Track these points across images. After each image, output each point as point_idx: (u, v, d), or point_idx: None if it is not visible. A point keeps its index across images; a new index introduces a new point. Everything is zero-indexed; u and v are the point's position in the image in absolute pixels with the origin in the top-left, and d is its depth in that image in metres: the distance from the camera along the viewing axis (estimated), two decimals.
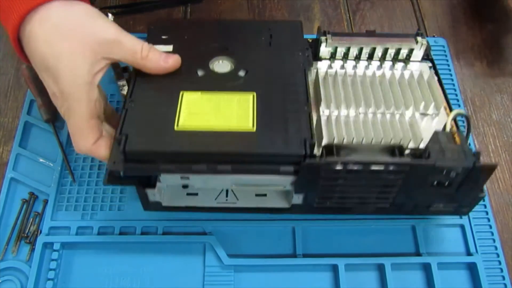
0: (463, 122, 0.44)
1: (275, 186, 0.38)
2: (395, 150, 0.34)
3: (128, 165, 0.33)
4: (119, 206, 0.44)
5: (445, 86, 0.51)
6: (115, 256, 0.42)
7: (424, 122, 0.38)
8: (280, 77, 0.38)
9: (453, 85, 0.52)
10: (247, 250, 0.43)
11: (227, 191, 0.41)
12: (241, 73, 0.39)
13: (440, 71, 0.44)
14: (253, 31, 0.42)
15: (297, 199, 0.38)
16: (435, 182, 0.35)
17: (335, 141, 0.35)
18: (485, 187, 0.46)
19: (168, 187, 0.40)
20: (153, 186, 0.37)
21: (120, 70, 0.47)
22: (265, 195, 0.41)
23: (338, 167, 0.33)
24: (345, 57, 0.42)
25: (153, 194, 0.38)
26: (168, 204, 0.40)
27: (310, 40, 0.43)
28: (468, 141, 0.36)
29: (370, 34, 0.43)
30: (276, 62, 0.39)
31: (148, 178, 0.37)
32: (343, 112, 0.38)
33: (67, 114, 0.35)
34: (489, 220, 0.45)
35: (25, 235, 0.43)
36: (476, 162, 0.33)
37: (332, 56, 0.42)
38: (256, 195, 0.41)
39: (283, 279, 0.41)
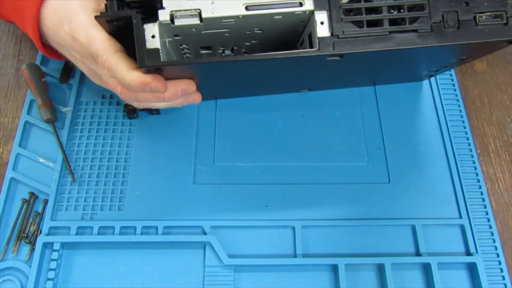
0: None
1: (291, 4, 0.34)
2: None
3: None
4: (119, 206, 0.44)
5: (445, 86, 0.52)
6: (115, 256, 0.42)
7: None
8: None
9: (453, 85, 0.52)
10: (247, 250, 0.43)
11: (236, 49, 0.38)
12: None
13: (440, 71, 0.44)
14: None
15: (322, 29, 0.33)
16: None
17: None
18: (485, 188, 0.46)
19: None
20: (153, 19, 0.33)
21: None
22: (286, 43, 0.37)
23: None
24: None
25: (152, 36, 0.33)
26: (169, 57, 0.35)
27: None
28: None
29: None
30: None
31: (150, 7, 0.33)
32: None
33: (111, 69, 0.35)
34: (489, 220, 0.45)
35: (25, 235, 0.43)
36: None
37: None
38: (276, 44, 0.37)
39: (283, 279, 0.42)
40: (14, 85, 0.51)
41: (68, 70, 0.51)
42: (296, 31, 0.37)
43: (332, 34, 0.33)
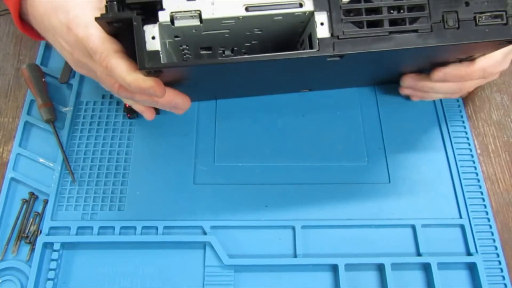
0: None
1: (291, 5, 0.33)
2: None
3: None
4: (119, 206, 0.44)
5: None
6: (115, 256, 0.42)
7: None
8: None
9: None
10: (247, 250, 0.43)
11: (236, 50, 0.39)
12: None
13: None
14: None
15: (322, 30, 0.33)
16: None
17: None
18: (485, 188, 0.46)
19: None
20: (153, 20, 0.32)
21: None
22: (286, 44, 0.37)
23: None
24: None
25: (152, 37, 0.32)
26: (169, 59, 0.35)
27: None
28: None
29: None
30: None
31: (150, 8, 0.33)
32: None
33: (106, 64, 0.34)
34: (489, 220, 0.45)
35: (25, 235, 0.43)
36: None
37: None
38: (275, 46, 0.38)
39: (283, 279, 0.41)
40: (14, 85, 0.51)
41: (68, 70, 0.51)
42: (296, 32, 0.37)
43: (332, 35, 0.33)
